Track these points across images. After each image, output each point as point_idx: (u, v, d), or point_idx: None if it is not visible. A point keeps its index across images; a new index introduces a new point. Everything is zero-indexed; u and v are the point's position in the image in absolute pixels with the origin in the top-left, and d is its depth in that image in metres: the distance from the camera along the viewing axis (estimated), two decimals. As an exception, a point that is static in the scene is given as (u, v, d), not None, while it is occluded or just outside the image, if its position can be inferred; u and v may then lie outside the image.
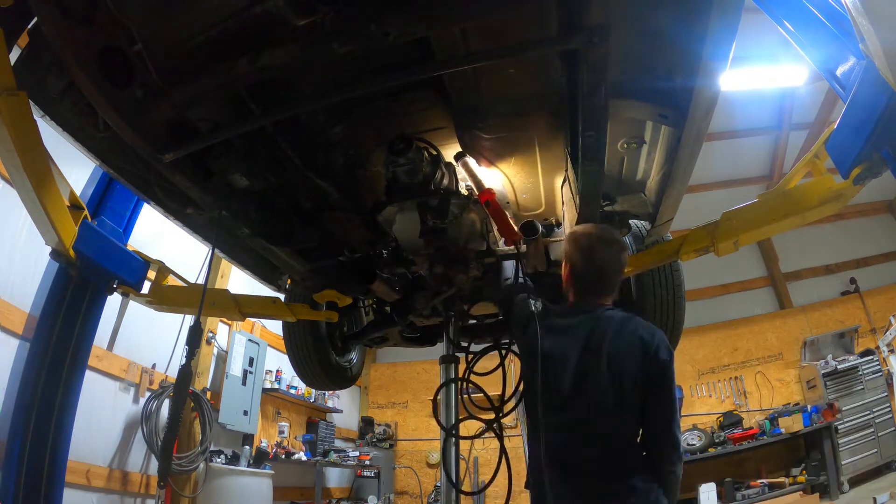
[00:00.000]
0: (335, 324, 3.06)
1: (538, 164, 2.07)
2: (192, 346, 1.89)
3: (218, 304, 2.60)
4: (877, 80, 1.28)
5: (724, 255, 2.03)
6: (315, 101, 1.71)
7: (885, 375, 6.62)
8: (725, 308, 8.30)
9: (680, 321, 2.56)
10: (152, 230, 4.04)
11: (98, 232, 2.34)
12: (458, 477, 2.16)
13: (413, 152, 1.91)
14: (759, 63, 5.65)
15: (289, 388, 6.44)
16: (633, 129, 1.87)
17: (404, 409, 8.80)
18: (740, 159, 7.87)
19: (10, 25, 1.52)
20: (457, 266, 2.26)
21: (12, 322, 3.36)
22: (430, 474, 8.11)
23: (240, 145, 1.86)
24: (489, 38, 1.49)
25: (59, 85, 1.63)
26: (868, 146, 1.38)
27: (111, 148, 1.82)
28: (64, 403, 2.47)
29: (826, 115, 6.83)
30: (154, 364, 4.71)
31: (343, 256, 2.35)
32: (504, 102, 1.77)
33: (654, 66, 1.62)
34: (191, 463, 4.57)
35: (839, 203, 1.76)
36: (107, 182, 2.74)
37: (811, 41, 1.51)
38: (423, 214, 2.12)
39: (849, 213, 7.97)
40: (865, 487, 6.05)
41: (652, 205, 2.17)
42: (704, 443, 6.91)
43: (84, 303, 2.56)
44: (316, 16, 1.38)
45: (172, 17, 1.46)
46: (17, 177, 1.74)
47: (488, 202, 2.06)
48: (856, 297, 7.76)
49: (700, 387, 7.84)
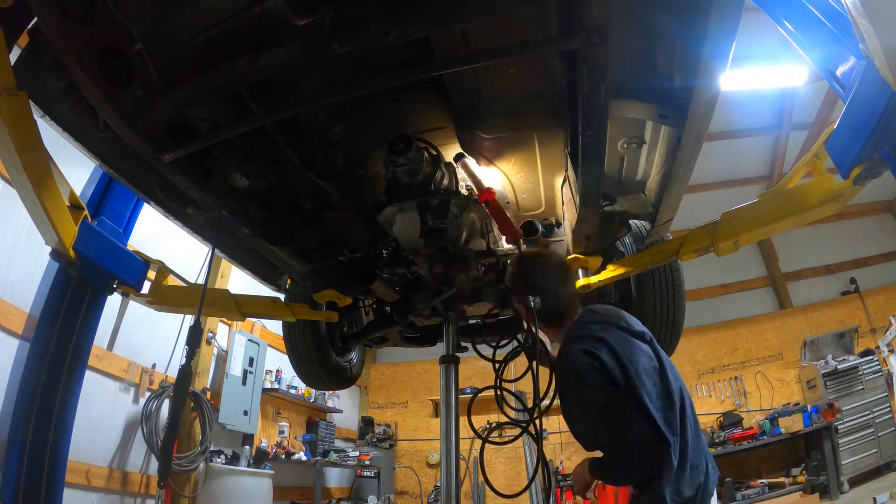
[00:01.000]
0: (335, 324, 3.06)
1: (538, 163, 2.07)
2: (192, 346, 1.89)
3: (218, 304, 2.60)
4: (877, 80, 1.28)
5: (724, 255, 2.03)
6: (315, 101, 1.71)
7: (885, 375, 6.62)
8: (725, 308, 8.30)
9: (680, 321, 2.56)
10: (152, 230, 4.04)
11: (98, 232, 2.34)
12: (486, 478, 2.19)
13: (413, 152, 1.91)
14: (759, 63, 5.65)
15: (289, 388, 6.45)
16: (633, 129, 1.87)
17: (404, 409, 8.80)
18: (740, 159, 7.88)
19: (10, 25, 1.52)
20: (457, 266, 2.25)
21: (12, 322, 3.36)
22: (430, 474, 8.11)
23: (240, 145, 1.86)
24: (489, 38, 1.48)
25: (59, 85, 1.63)
26: (868, 146, 1.38)
27: (111, 148, 1.82)
28: (64, 403, 2.46)
29: (826, 115, 6.83)
30: (154, 364, 4.71)
31: (343, 256, 2.35)
32: (504, 102, 1.77)
33: (654, 66, 1.62)
34: (191, 463, 4.57)
35: (839, 203, 1.76)
36: (107, 182, 2.74)
37: (811, 41, 1.51)
38: (422, 214, 2.12)
39: (849, 213, 7.97)
40: (865, 487, 6.05)
41: (652, 205, 2.17)
42: (704, 443, 6.90)
43: (84, 303, 2.56)
44: (316, 16, 1.38)
45: (172, 17, 1.46)
46: (17, 177, 1.74)
47: (488, 201, 2.06)
48: (856, 297, 7.76)
49: (700, 387, 7.83)
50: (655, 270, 2.47)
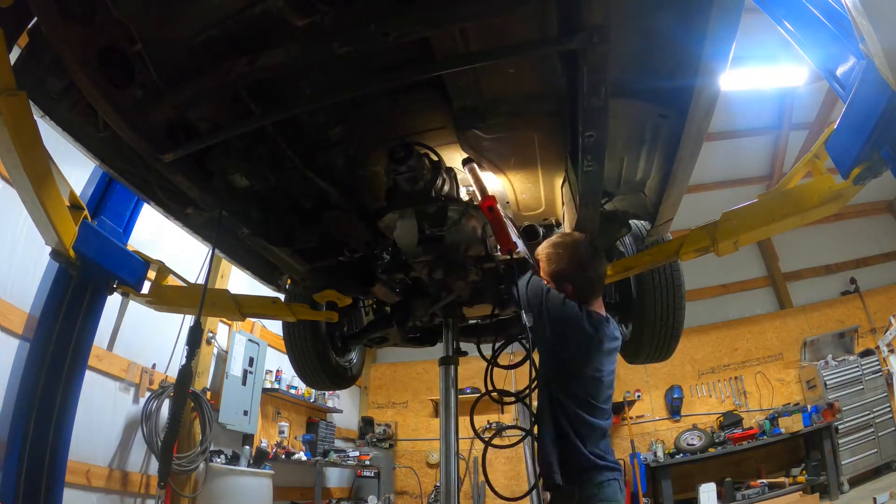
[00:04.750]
0: (335, 324, 3.06)
1: (538, 164, 2.07)
2: (192, 346, 1.89)
3: (218, 304, 2.60)
4: (877, 80, 1.28)
5: (724, 255, 2.03)
6: (315, 101, 1.71)
7: (885, 375, 6.63)
8: (725, 308, 8.31)
9: (680, 321, 2.56)
10: (152, 230, 4.04)
11: (98, 232, 2.34)
12: (488, 481, 2.20)
13: (414, 159, 1.91)
14: (759, 63, 5.66)
15: (289, 388, 6.45)
16: (633, 129, 1.87)
17: (404, 409, 8.80)
18: (740, 159, 7.88)
19: (10, 25, 1.52)
20: (456, 272, 2.25)
21: (12, 322, 3.36)
22: (430, 474, 8.11)
23: (240, 145, 1.86)
24: (489, 38, 1.48)
25: (59, 85, 1.63)
26: (868, 146, 1.38)
27: (111, 148, 1.81)
28: (64, 403, 2.47)
29: (826, 115, 6.83)
30: (154, 364, 4.71)
31: (343, 257, 2.35)
32: (504, 102, 1.77)
33: (654, 65, 1.62)
34: (191, 463, 4.57)
35: (839, 203, 1.75)
36: (107, 182, 2.74)
37: (811, 41, 1.51)
38: (420, 222, 2.11)
39: (849, 213, 7.97)
40: (865, 487, 6.06)
41: (652, 205, 2.17)
42: (704, 443, 6.91)
43: (84, 303, 2.56)
44: (316, 16, 1.38)
45: (172, 17, 1.46)
46: (17, 177, 1.74)
47: (490, 208, 2.04)
48: (856, 296, 7.76)
49: (700, 387, 7.84)
50: (655, 270, 2.47)
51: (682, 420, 7.66)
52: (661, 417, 7.81)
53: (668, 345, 2.62)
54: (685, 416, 7.68)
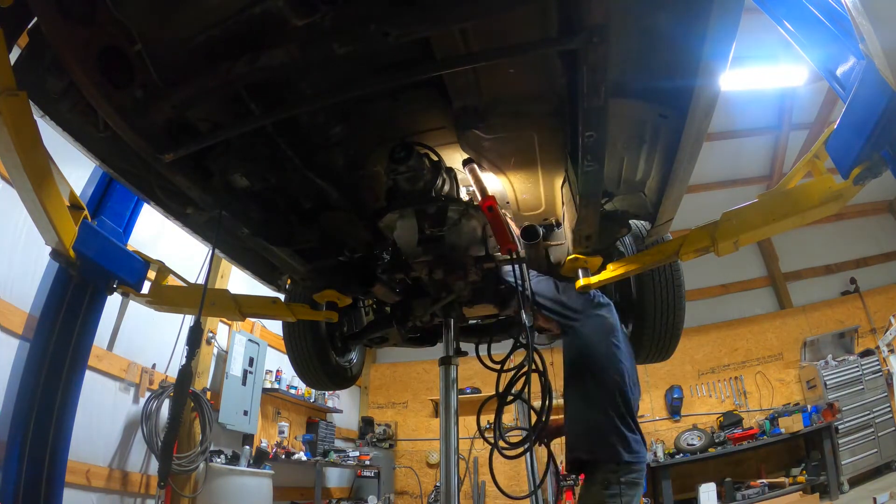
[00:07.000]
0: (335, 324, 3.06)
1: (538, 164, 2.07)
2: (192, 346, 1.89)
3: (218, 304, 2.59)
4: (877, 80, 1.27)
5: (724, 255, 2.03)
6: (315, 101, 1.71)
7: (884, 375, 6.63)
8: (725, 308, 8.31)
9: (680, 321, 2.56)
10: (152, 230, 4.04)
11: (98, 232, 2.33)
12: (496, 482, 2.21)
13: (414, 159, 1.91)
14: (759, 63, 5.66)
15: (289, 388, 6.45)
16: (633, 129, 1.87)
17: (404, 409, 8.80)
18: (740, 159, 7.88)
19: (10, 25, 1.52)
20: (456, 272, 2.25)
21: (12, 322, 3.36)
22: (430, 474, 8.12)
23: (240, 145, 1.86)
24: (489, 38, 1.48)
25: (59, 85, 1.62)
26: (868, 146, 1.38)
27: (111, 148, 1.81)
28: (64, 403, 2.47)
29: (826, 115, 6.84)
30: (154, 364, 4.72)
31: (343, 257, 2.35)
32: (504, 102, 1.77)
33: (654, 66, 1.61)
34: (191, 463, 4.57)
35: (839, 203, 1.75)
36: (107, 182, 2.74)
37: (811, 41, 1.51)
38: (420, 222, 2.11)
39: (849, 213, 7.98)
40: (865, 487, 6.06)
41: (652, 205, 2.17)
42: (704, 443, 6.91)
43: (84, 303, 2.56)
44: (316, 16, 1.38)
45: (172, 18, 1.46)
46: (17, 177, 1.73)
47: (490, 208, 2.05)
48: (856, 296, 7.77)
49: (700, 387, 7.84)
50: (655, 270, 2.47)
51: (682, 420, 7.67)
52: (661, 417, 7.82)
53: (668, 345, 2.62)
54: (685, 416, 7.69)
